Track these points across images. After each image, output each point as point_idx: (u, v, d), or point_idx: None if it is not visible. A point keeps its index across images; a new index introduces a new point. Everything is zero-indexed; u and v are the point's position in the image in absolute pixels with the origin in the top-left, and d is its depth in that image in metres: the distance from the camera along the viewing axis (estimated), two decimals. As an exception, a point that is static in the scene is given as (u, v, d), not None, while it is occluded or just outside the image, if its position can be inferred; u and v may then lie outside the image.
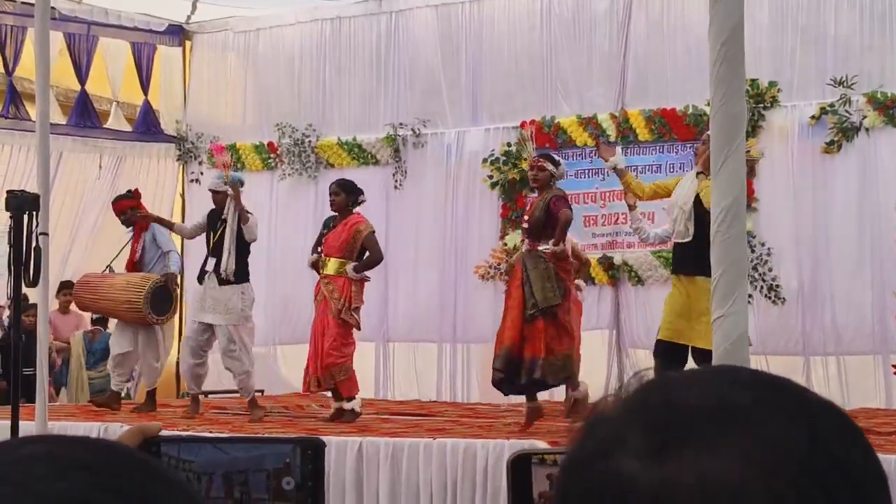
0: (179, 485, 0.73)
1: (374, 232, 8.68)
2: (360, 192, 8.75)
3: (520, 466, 0.85)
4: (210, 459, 1.14)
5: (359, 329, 8.72)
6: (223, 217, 8.86)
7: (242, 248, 8.90)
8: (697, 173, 7.37)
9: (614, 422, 0.77)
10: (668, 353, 7.26)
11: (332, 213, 8.80)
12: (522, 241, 8.05)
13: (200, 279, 8.99)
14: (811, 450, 0.73)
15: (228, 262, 8.76)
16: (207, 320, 8.86)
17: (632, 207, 8.00)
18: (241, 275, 8.88)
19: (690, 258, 7.15)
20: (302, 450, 1.14)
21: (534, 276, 7.58)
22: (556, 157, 8.45)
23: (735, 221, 3.59)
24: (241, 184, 9.02)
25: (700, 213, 7.18)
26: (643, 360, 10.11)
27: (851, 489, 0.72)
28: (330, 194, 8.71)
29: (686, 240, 7.36)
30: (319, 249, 8.68)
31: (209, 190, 9.23)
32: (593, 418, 0.79)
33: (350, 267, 8.48)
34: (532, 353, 7.48)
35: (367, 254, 8.61)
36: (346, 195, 8.61)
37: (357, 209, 8.72)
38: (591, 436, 0.78)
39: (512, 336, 7.54)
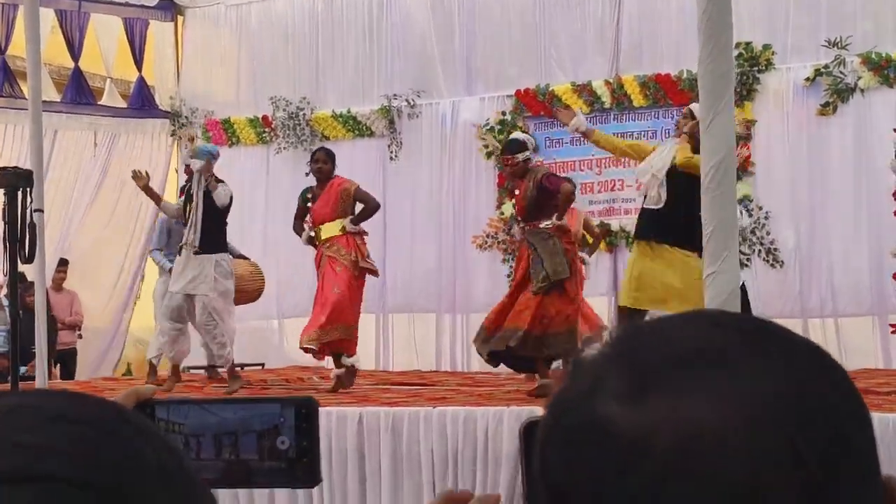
0: (164, 441, 0.72)
1: (360, 186, 8.75)
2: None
3: (532, 433, 0.85)
4: (200, 421, 1.13)
5: (377, 276, 8.86)
6: (191, 190, 8.81)
7: (213, 218, 8.79)
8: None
9: (596, 365, 0.77)
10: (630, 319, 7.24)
11: (307, 186, 8.84)
12: (521, 227, 7.99)
13: (180, 250, 8.91)
14: (793, 392, 0.72)
15: (195, 233, 8.67)
16: (184, 290, 8.78)
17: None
18: (214, 245, 8.80)
19: (661, 225, 7.15)
20: (295, 409, 1.13)
21: (542, 250, 7.62)
22: (520, 139, 8.26)
23: (725, 178, 3.57)
24: (211, 155, 8.87)
25: (675, 182, 7.15)
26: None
27: (834, 431, 0.71)
28: (317, 162, 8.72)
29: (658, 206, 7.33)
30: (307, 224, 8.72)
31: (184, 164, 9.24)
32: (578, 362, 0.79)
33: (348, 220, 8.53)
34: (543, 328, 7.57)
35: (363, 207, 8.64)
36: (332, 164, 8.72)
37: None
38: (574, 379, 0.78)
39: (530, 315, 7.56)
